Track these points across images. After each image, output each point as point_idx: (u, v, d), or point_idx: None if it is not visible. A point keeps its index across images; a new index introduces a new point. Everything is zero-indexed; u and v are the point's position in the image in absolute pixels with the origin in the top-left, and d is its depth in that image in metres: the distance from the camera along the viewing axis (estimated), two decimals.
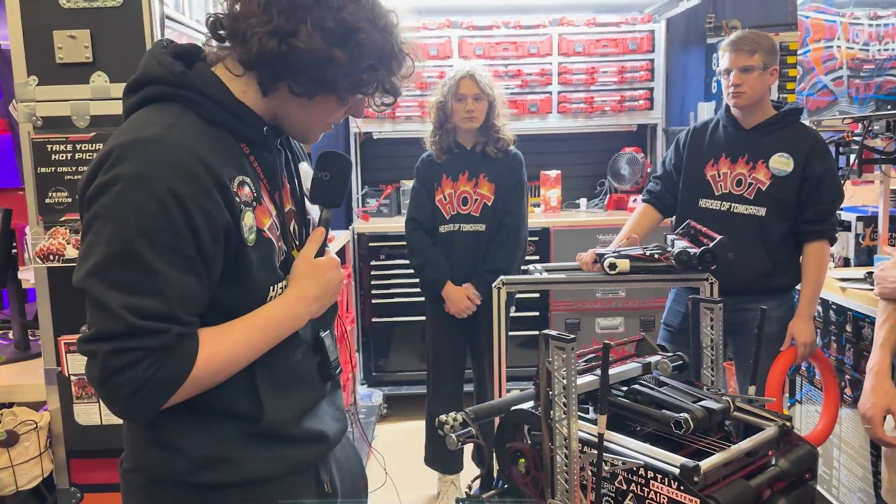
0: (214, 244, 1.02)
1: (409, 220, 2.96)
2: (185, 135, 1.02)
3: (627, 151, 4.33)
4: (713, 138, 2.51)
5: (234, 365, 1.08)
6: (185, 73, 1.06)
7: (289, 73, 1.06)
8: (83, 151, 1.74)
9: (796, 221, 2.40)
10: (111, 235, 0.96)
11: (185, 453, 1.10)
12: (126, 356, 0.95)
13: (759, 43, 2.35)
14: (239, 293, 1.08)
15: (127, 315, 0.95)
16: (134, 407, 1.00)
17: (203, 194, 1.00)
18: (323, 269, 1.18)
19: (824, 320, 2.62)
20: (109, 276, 0.96)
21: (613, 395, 1.63)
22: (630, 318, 4.02)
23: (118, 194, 0.96)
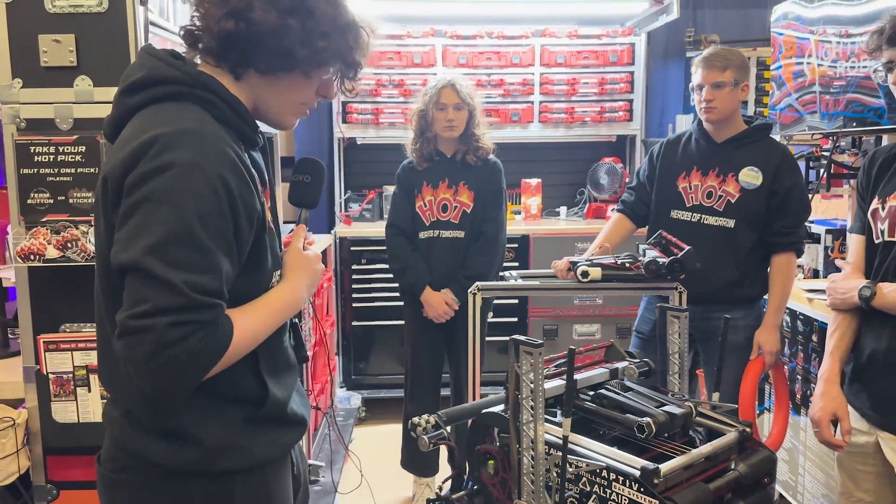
0: (249, 230, 1.11)
1: (389, 226, 3.00)
2: (217, 130, 1.10)
3: (607, 161, 4.40)
4: (685, 151, 2.57)
5: (256, 342, 1.15)
6: (201, 75, 1.12)
7: (252, 51, 1.12)
8: (65, 154, 1.77)
9: (764, 233, 2.46)
10: (169, 216, 1.01)
11: (198, 442, 1.14)
12: (184, 328, 1.00)
13: (730, 59, 2.41)
14: (252, 277, 1.16)
15: (188, 290, 1.00)
16: (179, 381, 1.03)
17: (243, 184, 1.08)
18: (312, 261, 1.30)
19: (792, 330, 2.69)
20: (169, 254, 1.00)
21: (580, 399, 1.67)
22: (606, 324, 4.08)
23: (175, 178, 1.01)
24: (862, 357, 1.79)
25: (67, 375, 1.87)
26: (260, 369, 1.20)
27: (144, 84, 1.11)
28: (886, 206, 1.74)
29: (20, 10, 1.78)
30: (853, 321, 1.82)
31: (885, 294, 1.69)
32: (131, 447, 1.17)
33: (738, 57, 2.44)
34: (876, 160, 1.83)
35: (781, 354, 2.56)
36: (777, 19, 3.04)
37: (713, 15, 4.53)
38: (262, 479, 1.23)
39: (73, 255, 1.73)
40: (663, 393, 1.76)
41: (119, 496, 1.20)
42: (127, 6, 1.78)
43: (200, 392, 1.09)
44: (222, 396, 1.16)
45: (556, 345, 3.99)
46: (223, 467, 1.16)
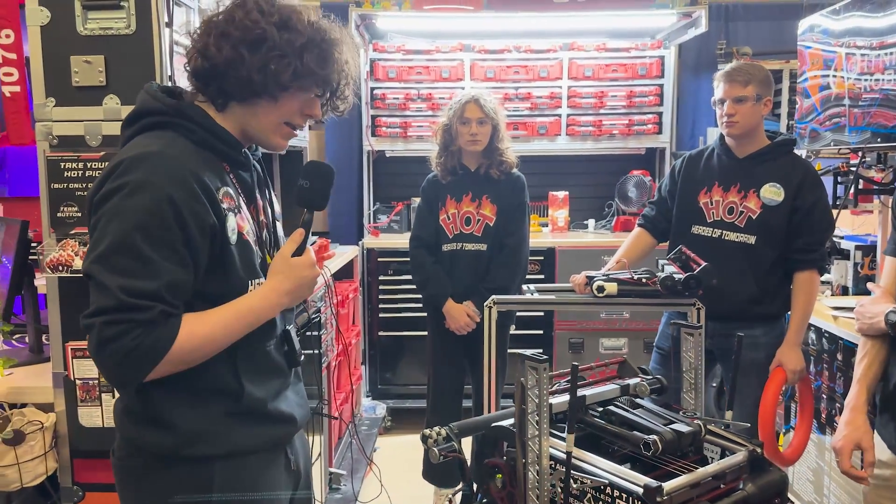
0: (203, 240, 1.21)
1: (413, 238, 3.04)
2: (180, 152, 1.24)
3: (635, 174, 4.38)
4: (707, 166, 2.56)
5: (213, 344, 1.25)
6: (179, 105, 1.29)
7: (219, 83, 1.27)
8: (93, 169, 1.84)
9: (786, 250, 2.43)
10: (115, 230, 1.16)
11: (176, 428, 1.27)
12: (117, 327, 1.13)
13: (753, 74, 2.39)
14: (222, 285, 1.27)
15: (119, 293, 1.13)
16: (123, 372, 1.18)
17: (193, 199, 1.20)
18: (298, 267, 1.34)
19: (817, 348, 2.65)
20: (110, 262, 1.15)
21: (589, 415, 1.68)
22: (634, 339, 4.05)
23: (124, 197, 1.17)
24: (889, 385, 1.72)
25: (93, 381, 1.94)
26: (237, 369, 1.30)
27: (136, 117, 1.29)
28: None
29: (54, 32, 1.87)
30: (882, 347, 1.74)
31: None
32: (127, 435, 1.32)
33: (760, 71, 2.42)
34: None
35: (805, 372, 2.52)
36: (804, 32, 3.01)
37: (745, 27, 4.48)
38: (243, 467, 1.32)
39: None
40: (675, 410, 1.75)
41: (124, 481, 1.35)
42: (153, 28, 1.85)
43: (182, 384, 1.24)
44: (200, 389, 1.28)
45: (582, 358, 3.98)
46: (201, 452, 1.28)
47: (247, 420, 1.32)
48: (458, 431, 1.73)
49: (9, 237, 2.29)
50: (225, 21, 1.27)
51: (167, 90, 1.32)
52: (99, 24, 1.86)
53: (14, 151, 3.78)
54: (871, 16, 2.52)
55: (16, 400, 2.09)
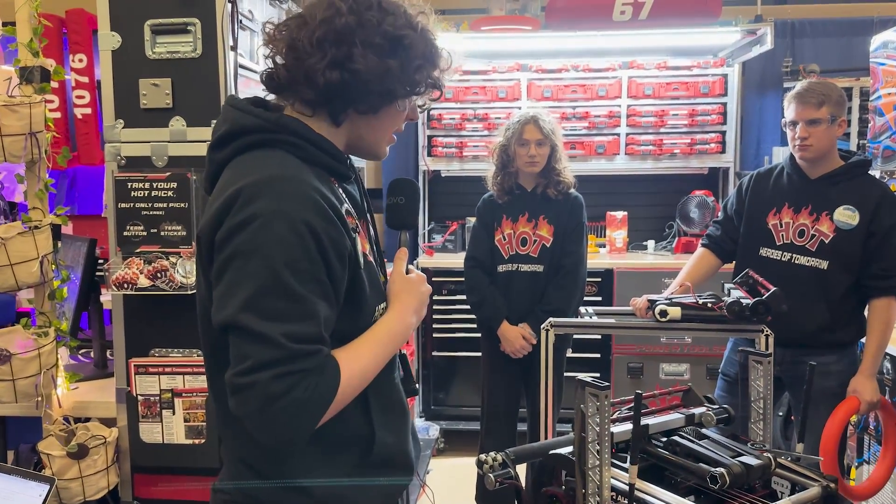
0: (342, 269, 1.09)
1: (468, 258, 3.02)
2: (300, 172, 1.09)
3: (697, 194, 4.27)
4: (777, 186, 2.47)
5: (366, 379, 1.14)
6: (280, 119, 1.13)
7: (356, 97, 1.13)
8: (158, 189, 1.89)
9: (861, 276, 2.33)
10: (258, 268, 1.01)
11: (309, 494, 1.15)
12: (288, 380, 1.00)
13: (826, 95, 2.30)
14: (353, 316, 1.14)
15: (286, 341, 1.00)
16: (296, 428, 1.03)
17: (330, 224, 1.06)
18: (417, 284, 1.27)
19: (892, 377, 2.51)
20: (263, 307, 1.00)
21: (652, 445, 1.62)
22: (696, 364, 3.92)
23: (259, 229, 1.02)
24: None
25: (154, 398, 1.97)
26: (369, 409, 1.18)
27: (229, 137, 1.13)
28: None
29: (124, 56, 1.94)
30: None
31: None
32: (244, 487, 1.18)
33: (834, 91, 2.32)
34: None
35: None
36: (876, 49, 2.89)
37: (812, 44, 4.35)
38: None
39: (163, 284, 1.84)
40: (743, 442, 1.68)
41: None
42: (218, 52, 1.90)
43: (314, 437, 1.08)
44: (330, 442, 1.15)
45: (642, 384, 3.87)
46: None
47: (372, 474, 1.20)
48: (514, 458, 1.69)
49: (77, 254, 2.36)
50: (363, 25, 1.11)
51: (256, 102, 1.18)
52: (167, 48, 1.91)
53: (84, 171, 3.92)
54: None
55: (80, 414, 2.14)
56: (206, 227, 1.08)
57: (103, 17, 1.94)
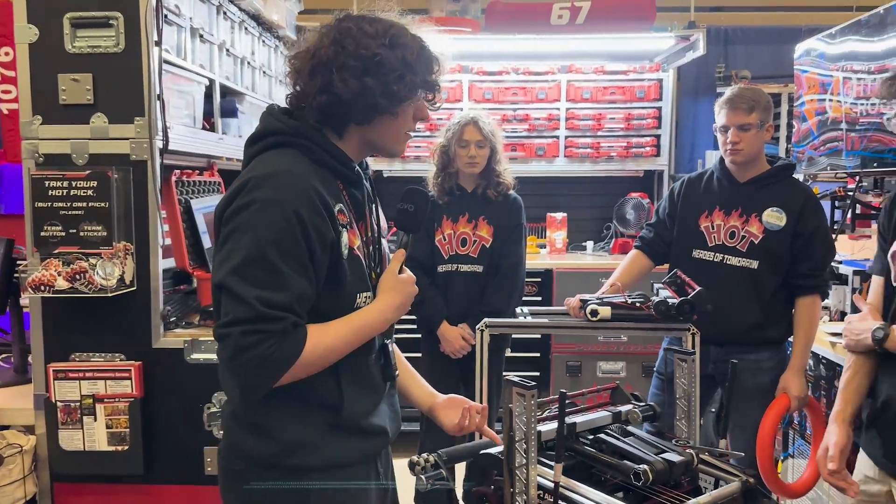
0: (323, 254, 1.28)
1: (407, 259, 2.99)
2: (303, 171, 1.30)
3: (633, 197, 4.36)
4: (707, 190, 2.53)
5: (333, 355, 1.32)
6: (301, 126, 1.35)
7: (347, 113, 1.33)
8: (78, 188, 1.82)
9: (788, 276, 2.40)
10: (249, 243, 1.23)
11: (279, 437, 1.33)
12: (254, 336, 1.21)
13: (756, 101, 2.36)
14: (333, 298, 1.33)
15: (257, 304, 1.21)
16: (255, 379, 1.24)
17: (317, 216, 1.27)
18: (405, 284, 1.43)
19: (815, 374, 2.60)
20: (246, 274, 1.22)
21: (579, 443, 1.64)
22: (632, 362, 4.00)
23: (256, 212, 1.24)
24: (877, 402, 1.73)
25: (75, 404, 1.90)
26: (340, 382, 1.35)
27: (259, 136, 1.36)
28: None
29: (42, 50, 1.86)
30: (866, 363, 1.77)
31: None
32: (232, 440, 1.39)
33: (763, 97, 2.39)
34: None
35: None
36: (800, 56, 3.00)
37: (744, 50, 4.50)
38: (338, 479, 1.38)
39: (82, 286, 1.77)
40: (668, 439, 1.71)
41: (227, 483, 1.41)
42: (142, 46, 1.84)
43: (287, 395, 1.30)
44: (305, 401, 1.34)
45: (580, 382, 3.92)
46: (300, 462, 1.34)
47: (344, 433, 1.38)
48: (446, 458, 1.70)
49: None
50: (339, 53, 1.30)
51: (286, 111, 1.39)
52: (87, 43, 1.85)
53: (10, 169, 3.77)
54: (866, 40, 2.51)
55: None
56: (220, 204, 1.32)
57: (20, 9, 1.86)
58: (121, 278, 1.82)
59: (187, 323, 2.08)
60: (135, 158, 1.88)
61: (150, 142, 1.87)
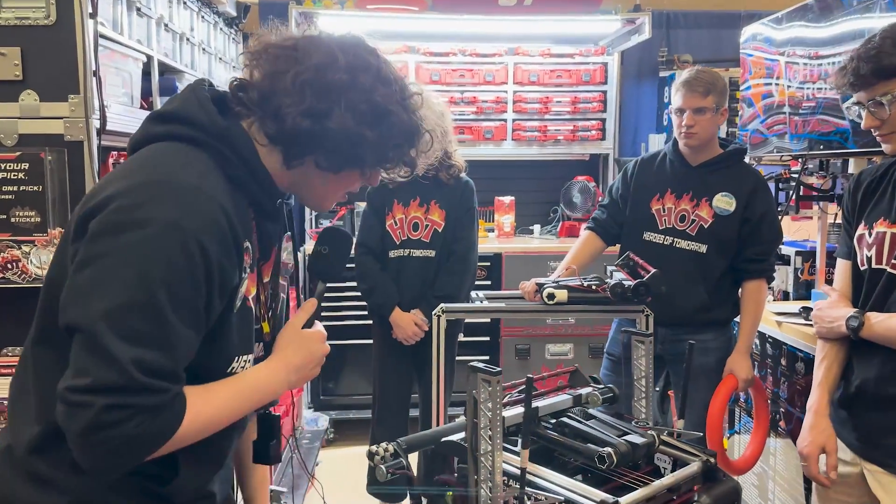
0: (221, 303, 1.01)
1: (358, 245, 2.94)
2: (218, 190, 1.01)
3: (580, 180, 4.39)
4: (660, 172, 2.54)
5: (214, 427, 1.04)
6: (229, 129, 1.06)
7: (317, 150, 1.07)
8: (7, 171, 1.69)
9: (736, 260, 2.44)
10: (133, 281, 0.92)
11: (64, 494, 1.03)
12: (121, 412, 0.90)
13: (712, 84, 2.37)
14: (208, 357, 1.04)
15: (134, 370, 0.90)
16: (111, 463, 0.94)
17: (226, 254, 0.99)
18: (308, 340, 1.16)
19: (760, 353, 2.67)
20: (123, 323, 0.91)
21: (542, 427, 1.63)
22: (579, 344, 4.05)
23: (149, 238, 0.93)
24: (850, 387, 1.73)
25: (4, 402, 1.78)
26: (178, 454, 1.03)
27: (171, 117, 1.07)
28: (873, 233, 1.68)
29: None
30: (841, 350, 1.76)
31: (874, 325, 1.62)
32: (7, 483, 1.06)
33: (720, 81, 2.40)
34: (861, 183, 1.76)
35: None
36: (746, 40, 3.04)
37: (686, 35, 4.55)
38: None
39: (14, 276, 1.66)
40: (627, 420, 1.72)
41: None
42: (76, 19, 1.72)
43: None
44: None
45: (529, 364, 3.95)
46: None
47: (152, 497, 1.07)
48: (406, 447, 1.66)
49: None
50: (353, 88, 1.06)
51: (217, 96, 1.10)
52: (15, 14, 1.71)
53: None
54: (812, 26, 2.56)
55: None
56: (93, 201, 0.98)
57: None
58: None
59: None
60: (69, 139, 1.76)
61: (86, 121, 1.75)
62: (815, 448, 1.72)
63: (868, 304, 1.69)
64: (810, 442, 1.73)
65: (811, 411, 1.77)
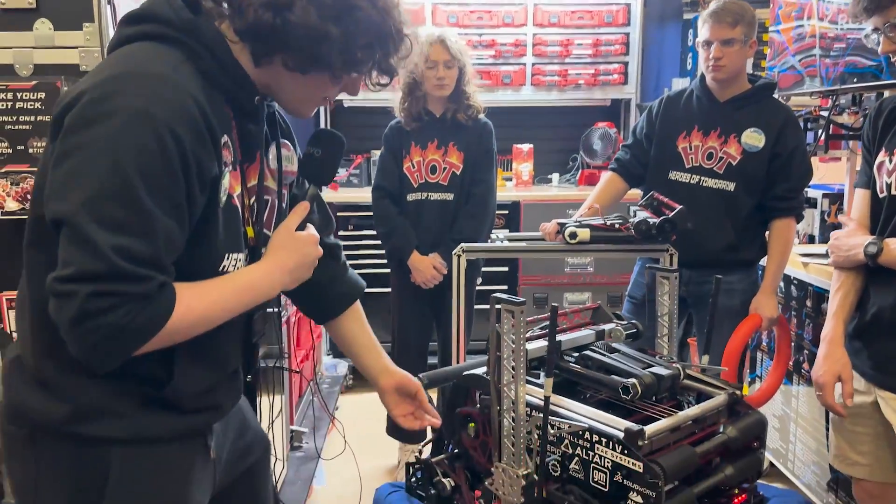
0: (202, 194, 1.01)
1: (375, 188, 2.92)
2: (189, 81, 1.01)
3: (600, 126, 4.31)
4: (687, 109, 2.48)
5: (206, 324, 1.05)
6: (195, 22, 1.04)
7: (282, 48, 1.05)
8: (24, 101, 1.68)
9: (764, 197, 2.39)
10: (107, 169, 0.93)
11: (67, 399, 1.06)
12: (107, 299, 0.92)
13: (741, 14, 2.30)
14: (197, 254, 1.05)
15: (115, 257, 0.92)
16: (103, 353, 0.96)
17: (200, 143, 0.99)
18: (302, 242, 1.18)
19: (785, 295, 2.64)
20: (101, 211, 0.92)
21: (565, 361, 1.62)
22: (598, 292, 4.02)
23: (119, 128, 0.94)
24: (866, 315, 1.71)
25: None
26: (173, 354, 1.06)
27: (140, 17, 1.06)
28: (894, 159, 1.65)
29: None
30: (857, 280, 1.74)
31: (893, 250, 1.61)
32: (11, 396, 1.11)
33: (748, 11, 2.33)
34: (883, 111, 1.73)
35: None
36: None
37: None
38: (149, 456, 1.11)
39: None
40: (651, 355, 1.70)
41: (8, 452, 1.12)
42: None
43: None
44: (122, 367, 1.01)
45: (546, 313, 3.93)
46: (96, 432, 1.06)
47: (161, 408, 1.10)
48: (427, 382, 1.67)
49: None
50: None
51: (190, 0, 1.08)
52: None
53: None
54: None
55: None
56: (60, 105, 0.99)
57: None
58: None
59: None
60: (85, 69, 1.74)
61: (101, 50, 1.73)
62: (831, 376, 1.71)
63: (886, 231, 1.67)
64: (826, 371, 1.72)
65: (826, 340, 1.75)
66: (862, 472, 1.79)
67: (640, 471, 1.27)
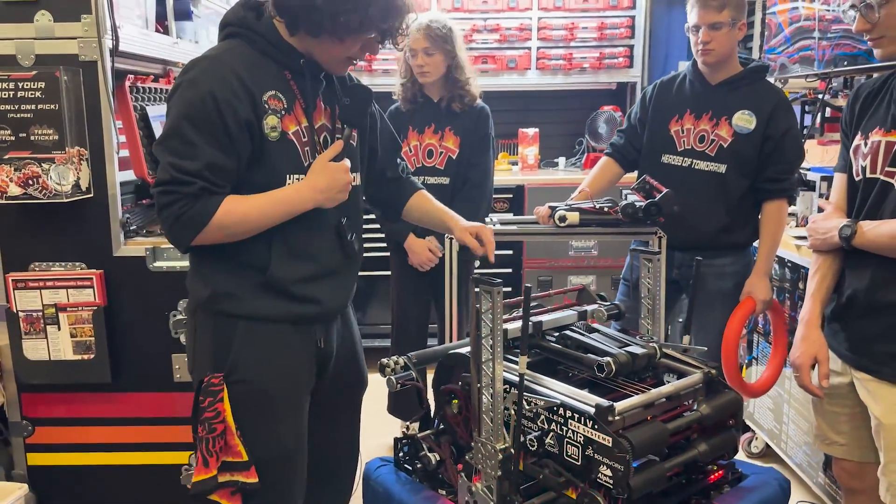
0: (239, 131, 1.43)
1: None
2: (232, 57, 1.46)
3: (606, 110, 4.31)
4: (679, 93, 2.49)
5: (248, 223, 1.47)
6: (247, 18, 1.50)
7: (293, 18, 1.43)
8: (25, 90, 1.74)
9: (756, 180, 2.40)
10: (172, 118, 1.42)
11: (209, 286, 1.54)
12: (168, 196, 1.40)
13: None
14: (262, 175, 1.48)
15: (171, 169, 1.40)
16: (174, 233, 1.44)
17: (233, 95, 1.42)
18: (332, 169, 1.53)
19: (779, 277, 2.65)
20: (167, 144, 1.42)
21: (545, 340, 1.66)
22: (602, 276, 4.05)
23: (180, 91, 1.43)
24: (842, 297, 1.74)
25: (37, 314, 1.88)
26: (270, 249, 1.51)
27: (222, 25, 1.54)
28: (868, 142, 1.66)
29: None
30: (834, 262, 1.76)
31: (866, 232, 1.63)
32: (188, 285, 1.60)
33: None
34: (859, 95, 1.74)
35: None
36: None
37: None
38: (263, 332, 1.54)
39: (35, 192, 1.72)
40: (631, 335, 1.74)
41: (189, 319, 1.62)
42: None
43: (220, 250, 1.49)
44: (234, 258, 1.51)
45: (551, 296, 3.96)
46: (225, 309, 1.53)
47: (270, 293, 1.53)
48: (415, 360, 1.72)
49: None
50: None
51: (253, 6, 1.51)
52: None
53: None
54: None
55: None
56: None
57: None
58: (76, 184, 1.77)
59: (148, 232, 2.04)
60: (84, 59, 1.80)
61: (98, 41, 1.78)
62: (808, 358, 1.74)
63: (862, 214, 1.68)
64: (802, 352, 1.75)
65: (803, 322, 1.78)
66: (840, 451, 1.82)
67: (610, 445, 1.32)
